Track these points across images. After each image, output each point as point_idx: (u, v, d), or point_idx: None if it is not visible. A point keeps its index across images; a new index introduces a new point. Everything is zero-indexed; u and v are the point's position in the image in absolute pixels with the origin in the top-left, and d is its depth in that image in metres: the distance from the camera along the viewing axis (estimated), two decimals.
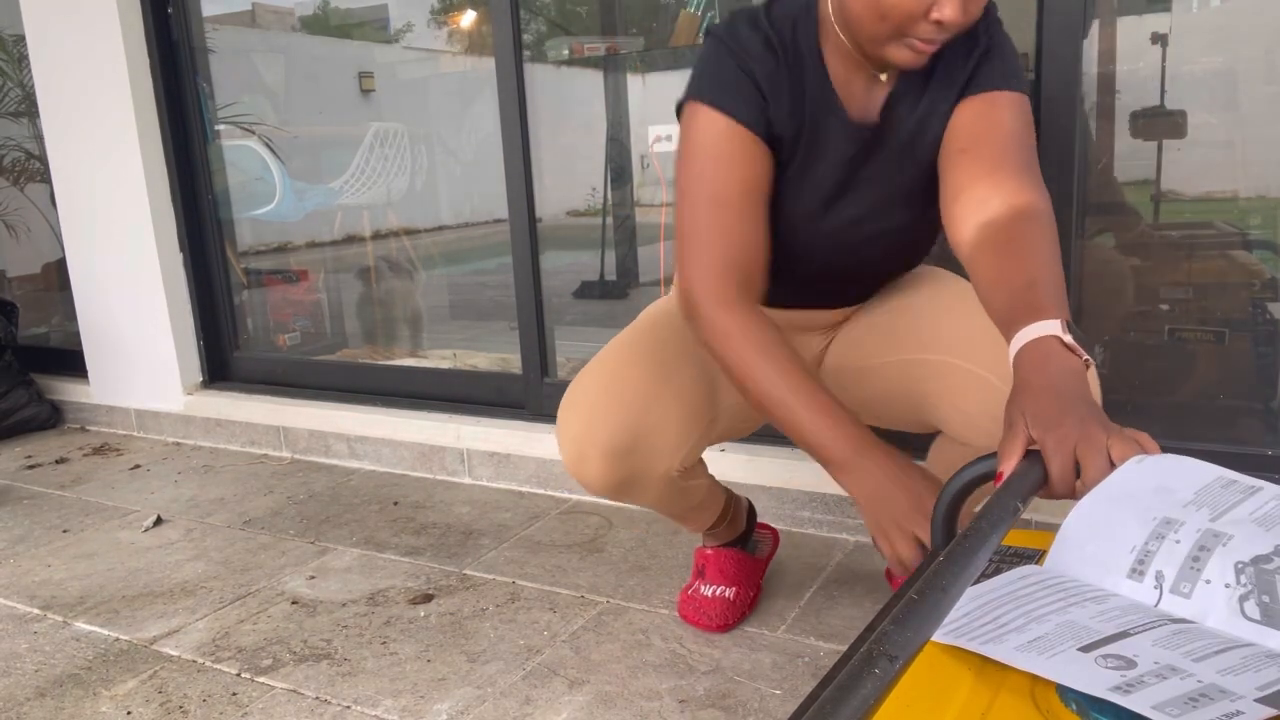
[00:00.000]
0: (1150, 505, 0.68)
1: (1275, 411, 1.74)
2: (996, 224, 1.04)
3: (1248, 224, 1.73)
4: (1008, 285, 0.97)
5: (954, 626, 0.64)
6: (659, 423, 1.26)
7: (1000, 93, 1.14)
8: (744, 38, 1.16)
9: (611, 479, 1.28)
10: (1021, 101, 1.15)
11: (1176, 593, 0.63)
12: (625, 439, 1.24)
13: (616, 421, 1.24)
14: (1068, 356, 0.85)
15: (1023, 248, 1.00)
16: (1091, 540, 0.69)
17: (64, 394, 3.20)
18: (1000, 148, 1.11)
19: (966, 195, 1.09)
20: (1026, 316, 0.90)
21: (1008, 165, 1.09)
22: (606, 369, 1.29)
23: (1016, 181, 1.07)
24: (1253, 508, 0.66)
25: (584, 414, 1.26)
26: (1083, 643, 0.60)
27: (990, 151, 1.11)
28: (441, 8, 3.16)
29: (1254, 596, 0.60)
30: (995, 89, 1.14)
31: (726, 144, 1.14)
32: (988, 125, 1.13)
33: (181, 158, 2.81)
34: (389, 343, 3.24)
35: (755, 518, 1.70)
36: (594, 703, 1.38)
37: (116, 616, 1.76)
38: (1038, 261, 0.98)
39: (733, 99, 1.14)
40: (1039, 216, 1.04)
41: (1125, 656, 0.57)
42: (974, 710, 0.60)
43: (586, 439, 1.26)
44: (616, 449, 1.24)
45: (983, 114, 1.14)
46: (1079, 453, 0.74)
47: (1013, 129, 1.13)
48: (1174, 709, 0.52)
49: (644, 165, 2.87)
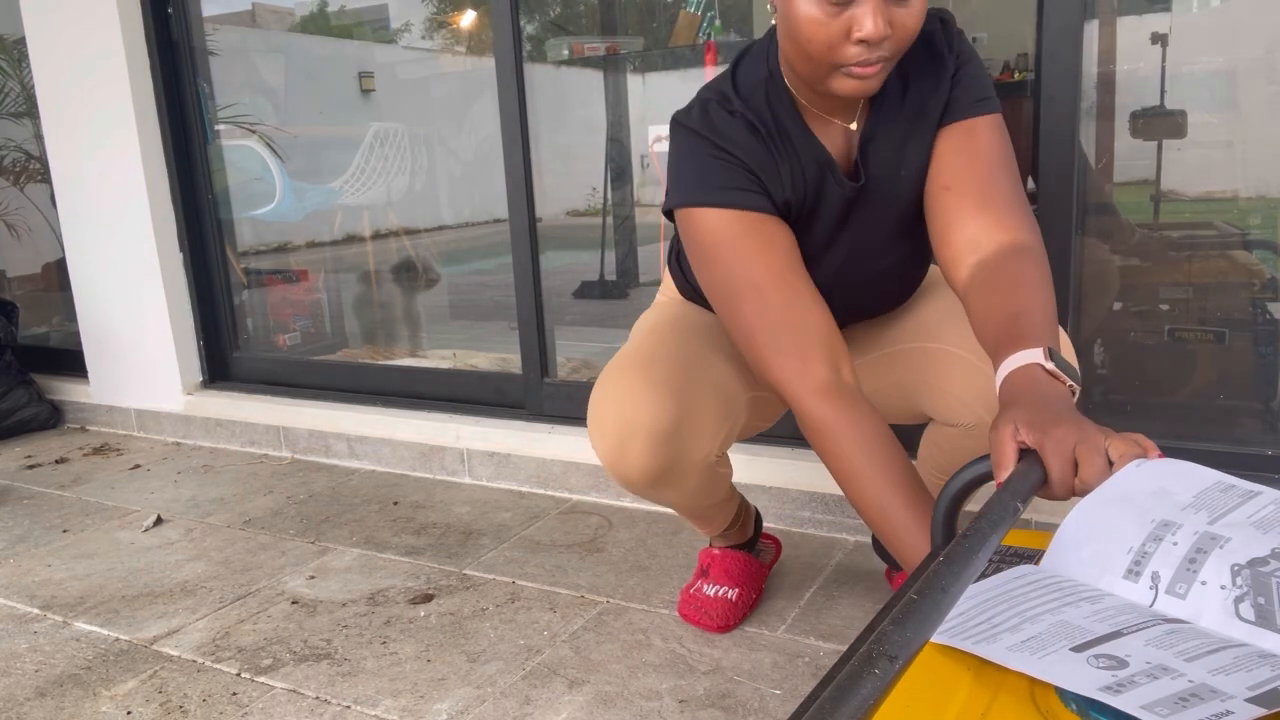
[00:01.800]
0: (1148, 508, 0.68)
1: (1275, 411, 1.74)
2: (988, 264, 1.05)
3: (1248, 224, 1.73)
4: (996, 316, 0.98)
5: (948, 626, 0.64)
6: (698, 403, 1.24)
7: (978, 119, 1.12)
8: (722, 127, 1.12)
9: (654, 467, 1.24)
10: (997, 122, 1.13)
11: (1172, 593, 0.63)
12: (668, 421, 1.22)
13: (657, 405, 1.21)
14: (1053, 383, 0.86)
15: (1013, 282, 1.01)
16: (1089, 541, 0.69)
17: (64, 394, 3.20)
18: (985, 182, 1.09)
19: (957, 238, 1.09)
20: (1011, 345, 0.91)
21: (995, 201, 1.08)
22: (637, 359, 1.27)
23: (1005, 218, 1.07)
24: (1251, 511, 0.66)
25: (622, 403, 1.23)
26: (1075, 642, 0.60)
27: (975, 187, 1.09)
28: (441, 8, 3.16)
29: (1249, 598, 0.60)
30: (971, 116, 1.12)
31: (750, 231, 1.10)
32: (969, 158, 1.11)
33: (181, 158, 2.81)
34: (389, 343, 3.24)
35: (761, 526, 1.71)
36: (594, 703, 1.38)
37: (116, 616, 1.76)
38: (1026, 293, 0.99)
39: (735, 192, 1.10)
40: (1029, 251, 1.04)
41: (1117, 656, 0.58)
42: (973, 711, 0.60)
43: (628, 427, 1.22)
44: (660, 433, 1.22)
45: (962, 146, 1.12)
46: (1078, 453, 0.74)
47: (994, 157, 1.11)
48: (1164, 709, 0.52)
49: (644, 165, 2.87)
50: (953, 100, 1.13)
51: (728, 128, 1.12)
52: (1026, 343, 0.90)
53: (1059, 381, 0.86)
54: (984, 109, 1.13)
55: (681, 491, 1.32)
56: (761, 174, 1.12)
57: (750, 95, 1.14)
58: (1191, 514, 0.66)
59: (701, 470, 1.29)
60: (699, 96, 1.17)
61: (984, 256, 1.05)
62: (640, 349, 1.30)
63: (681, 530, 1.98)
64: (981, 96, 1.13)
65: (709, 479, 1.33)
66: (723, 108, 1.13)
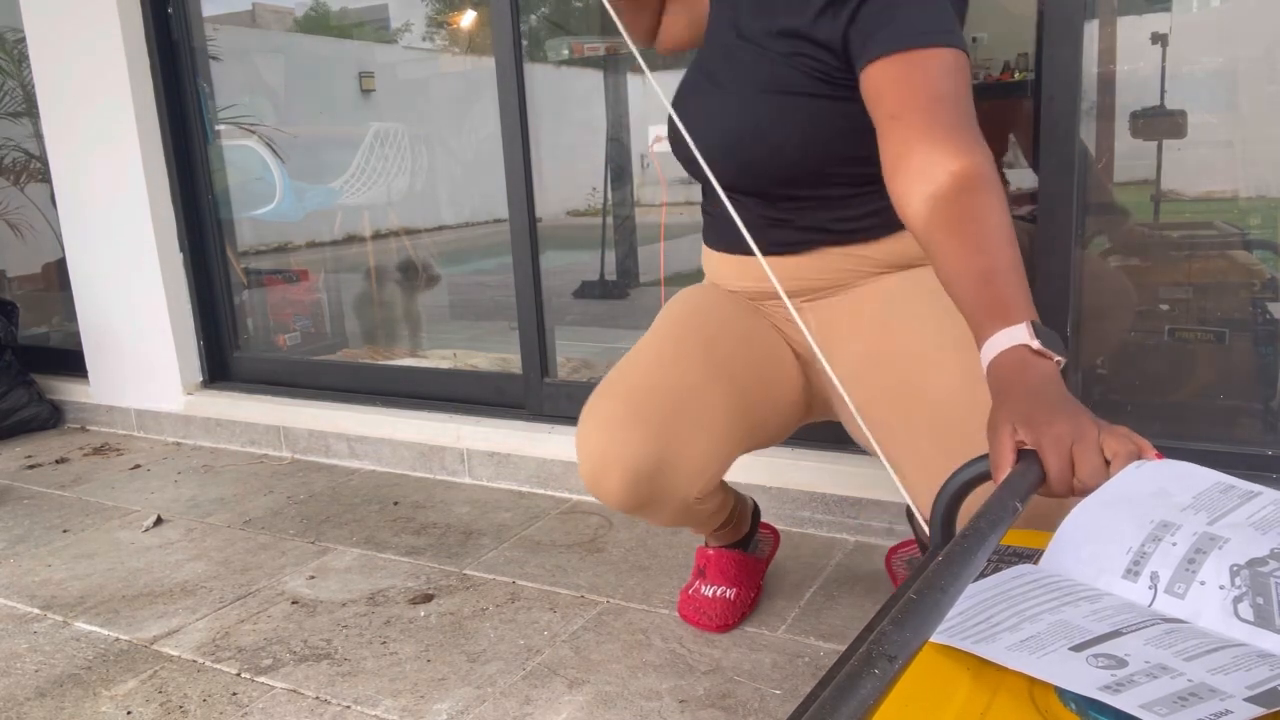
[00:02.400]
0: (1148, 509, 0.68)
1: (1275, 411, 1.74)
2: (943, 197, 0.99)
3: (1248, 224, 1.73)
4: (968, 275, 0.94)
5: (947, 626, 0.64)
6: (682, 451, 1.23)
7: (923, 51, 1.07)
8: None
9: (630, 500, 1.25)
10: (950, 58, 1.07)
11: (1170, 593, 0.63)
12: (648, 464, 1.21)
13: (640, 445, 1.20)
14: (1041, 362, 0.85)
15: (976, 227, 0.96)
16: (1087, 541, 0.69)
17: (64, 394, 3.20)
18: (929, 107, 1.05)
19: (905, 165, 1.03)
20: (992, 319, 0.88)
21: (940, 125, 1.03)
22: (632, 381, 1.26)
23: (953, 142, 1.01)
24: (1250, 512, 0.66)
25: (607, 430, 1.23)
26: (1074, 642, 0.60)
27: (920, 115, 1.04)
28: (441, 8, 3.16)
29: (1248, 598, 0.60)
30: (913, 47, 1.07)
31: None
32: (911, 87, 1.06)
33: (181, 158, 2.81)
34: (389, 343, 3.24)
35: (759, 518, 1.70)
36: (594, 703, 1.38)
37: (116, 616, 1.76)
38: (993, 242, 0.94)
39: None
40: (984, 182, 0.99)
41: (1116, 656, 0.58)
42: (972, 711, 0.60)
43: (607, 457, 1.22)
44: (638, 473, 1.21)
45: (904, 75, 1.07)
46: (1074, 451, 0.74)
47: (942, 88, 1.06)
48: (1163, 708, 0.52)
49: (644, 165, 2.87)
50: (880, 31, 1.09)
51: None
52: (1008, 315, 0.87)
53: (1046, 359, 0.86)
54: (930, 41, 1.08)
55: (659, 519, 1.33)
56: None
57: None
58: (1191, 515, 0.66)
59: (680, 508, 1.29)
60: None
61: (937, 188, 1.00)
62: (639, 368, 1.28)
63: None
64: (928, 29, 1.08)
65: (686, 513, 1.33)
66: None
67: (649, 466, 1.21)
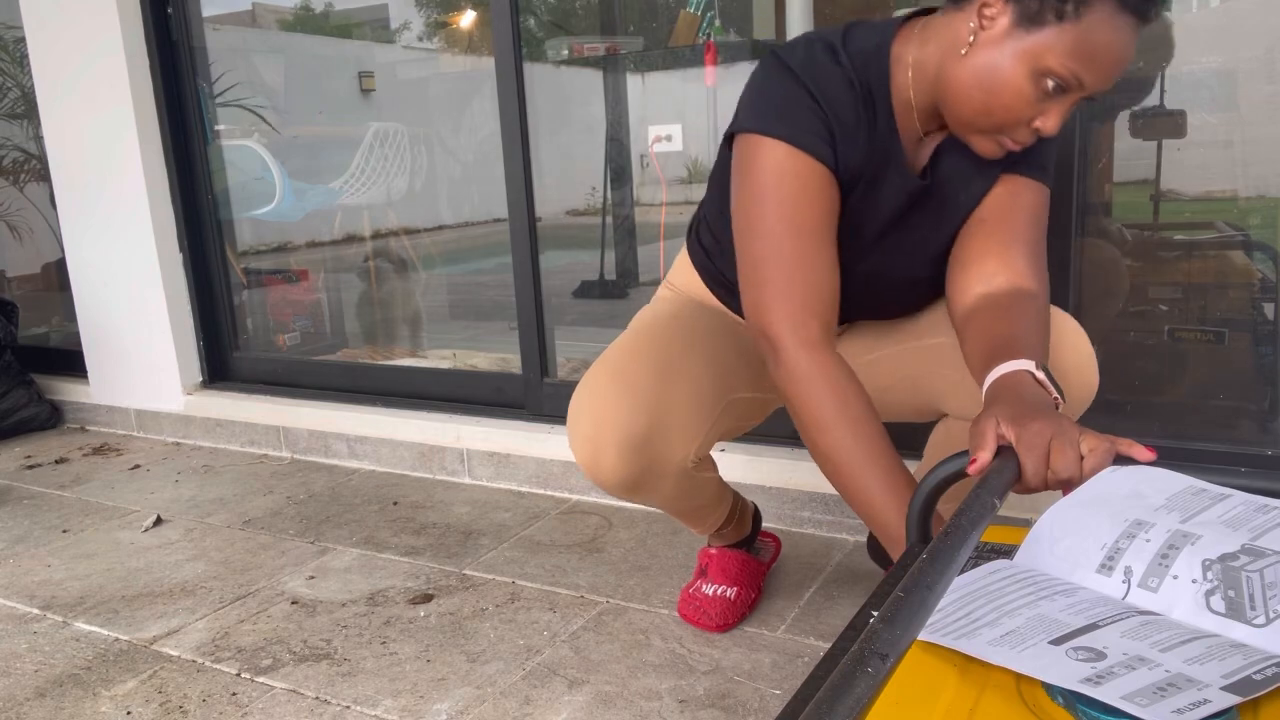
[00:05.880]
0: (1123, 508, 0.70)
1: (1274, 412, 1.74)
2: (992, 298, 1.09)
3: (1248, 224, 1.73)
4: (989, 340, 1.01)
5: (928, 623, 0.65)
6: (671, 410, 1.25)
7: (1035, 182, 1.17)
8: (823, 72, 1.11)
9: (627, 473, 1.25)
10: (1047, 195, 1.18)
11: (1144, 587, 0.65)
12: (639, 430, 1.22)
13: (628, 412, 1.22)
14: (1038, 389, 0.88)
15: (1012, 316, 1.05)
16: (1063, 537, 0.71)
17: (64, 394, 3.21)
18: (1019, 228, 1.14)
19: (977, 267, 1.13)
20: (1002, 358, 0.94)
21: (1020, 247, 1.13)
22: (611, 367, 1.28)
23: (1025, 265, 1.12)
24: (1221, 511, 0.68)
25: (595, 410, 1.25)
26: (1053, 635, 0.61)
27: (1008, 230, 1.14)
28: (441, 8, 3.17)
29: (1220, 591, 0.62)
30: (1031, 177, 1.17)
31: (806, 178, 1.10)
32: (1013, 205, 1.15)
33: (181, 158, 2.81)
34: (389, 343, 3.24)
35: (760, 523, 1.71)
36: (594, 703, 1.38)
37: (116, 616, 1.76)
38: (1023, 326, 1.02)
39: (809, 136, 1.09)
40: (1035, 298, 1.09)
41: (1094, 648, 0.59)
42: (961, 707, 0.60)
43: (600, 435, 1.24)
44: (631, 440, 1.23)
45: (1012, 193, 1.16)
46: (1051, 445, 0.76)
47: (1035, 215, 1.16)
48: (1143, 699, 0.53)
49: (644, 165, 2.87)
50: (1027, 154, 1.15)
51: (827, 77, 1.11)
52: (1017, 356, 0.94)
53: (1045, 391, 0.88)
54: (1043, 178, 1.18)
55: (661, 495, 1.33)
56: (840, 132, 1.11)
57: (855, 56, 1.13)
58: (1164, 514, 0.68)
59: (678, 475, 1.30)
60: (804, 38, 1.15)
61: (991, 290, 1.10)
62: (618, 351, 1.31)
63: (681, 530, 1.98)
64: (1046, 166, 1.18)
65: (688, 483, 1.34)
66: (829, 56, 1.12)
67: (641, 430, 1.23)
